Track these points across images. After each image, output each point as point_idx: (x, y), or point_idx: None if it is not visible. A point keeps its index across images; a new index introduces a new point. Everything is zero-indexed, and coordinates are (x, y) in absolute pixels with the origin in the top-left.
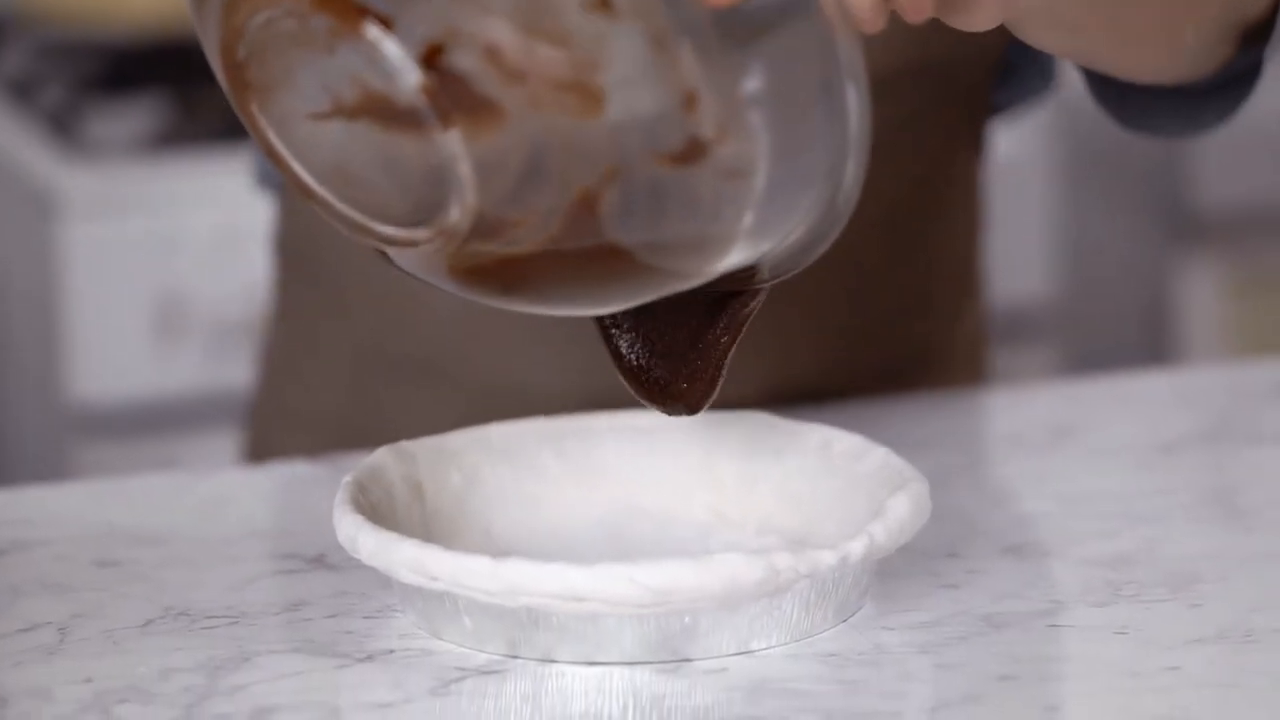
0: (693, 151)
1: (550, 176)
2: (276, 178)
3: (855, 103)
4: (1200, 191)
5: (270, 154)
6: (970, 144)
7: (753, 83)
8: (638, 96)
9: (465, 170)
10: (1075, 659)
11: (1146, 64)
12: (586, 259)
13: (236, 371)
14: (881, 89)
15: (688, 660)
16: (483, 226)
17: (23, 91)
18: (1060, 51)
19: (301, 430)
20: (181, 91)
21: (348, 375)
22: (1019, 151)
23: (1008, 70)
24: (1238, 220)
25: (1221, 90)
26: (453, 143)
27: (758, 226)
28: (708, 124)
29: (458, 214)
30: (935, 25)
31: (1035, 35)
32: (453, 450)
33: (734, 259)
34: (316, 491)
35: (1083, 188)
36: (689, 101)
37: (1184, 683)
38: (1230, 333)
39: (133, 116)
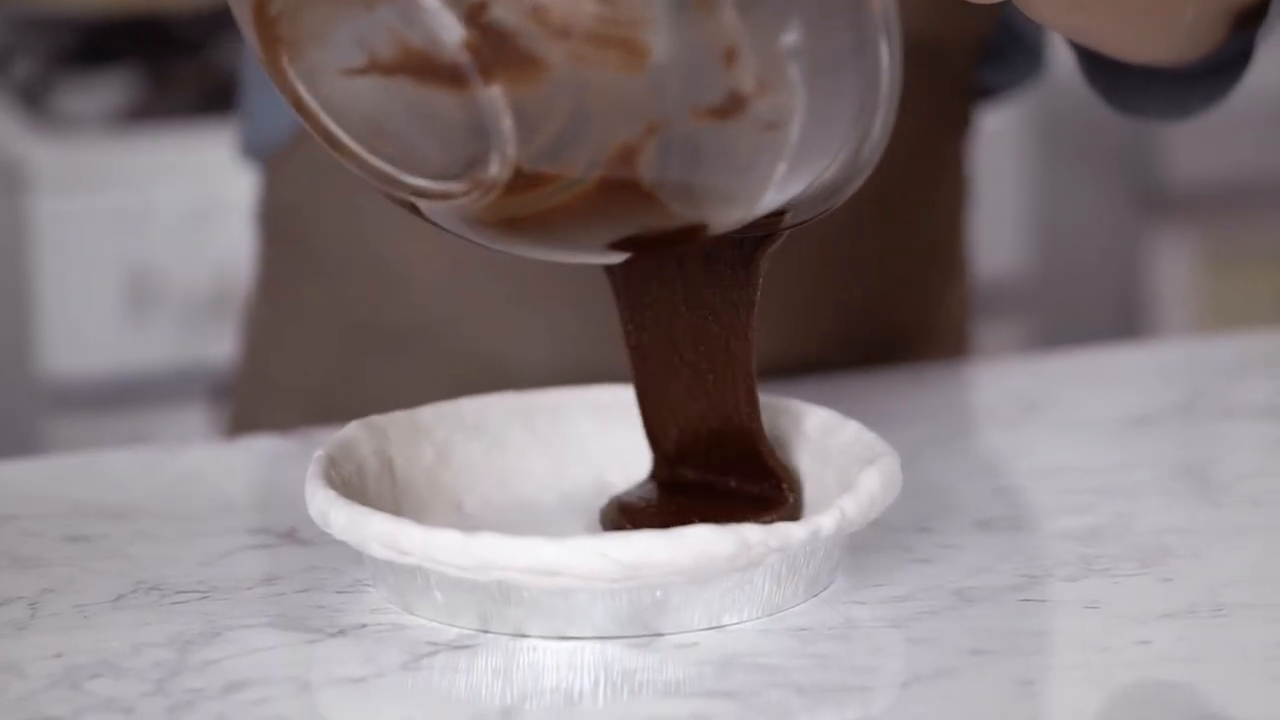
0: (732, 106)
1: (590, 131)
2: (263, 148)
3: (887, 52)
4: (1173, 167)
5: (299, 108)
6: (957, 126)
7: (791, 36)
8: (680, 52)
9: (507, 125)
10: (1047, 633)
11: (1144, 43)
12: (622, 210)
13: (208, 346)
14: None
15: (659, 634)
16: (521, 180)
17: None
18: (1061, 25)
19: (285, 403)
20: (153, 66)
21: (331, 348)
22: (993, 127)
23: (996, 53)
24: (1210, 195)
25: (1211, 74)
26: (495, 98)
27: (789, 174)
28: (747, 78)
29: (497, 167)
30: (925, 3)
31: (1038, 8)
32: (424, 424)
33: (765, 206)
34: (288, 466)
35: (1056, 163)
36: (729, 56)
37: (1155, 656)
38: (1203, 307)
39: (104, 91)
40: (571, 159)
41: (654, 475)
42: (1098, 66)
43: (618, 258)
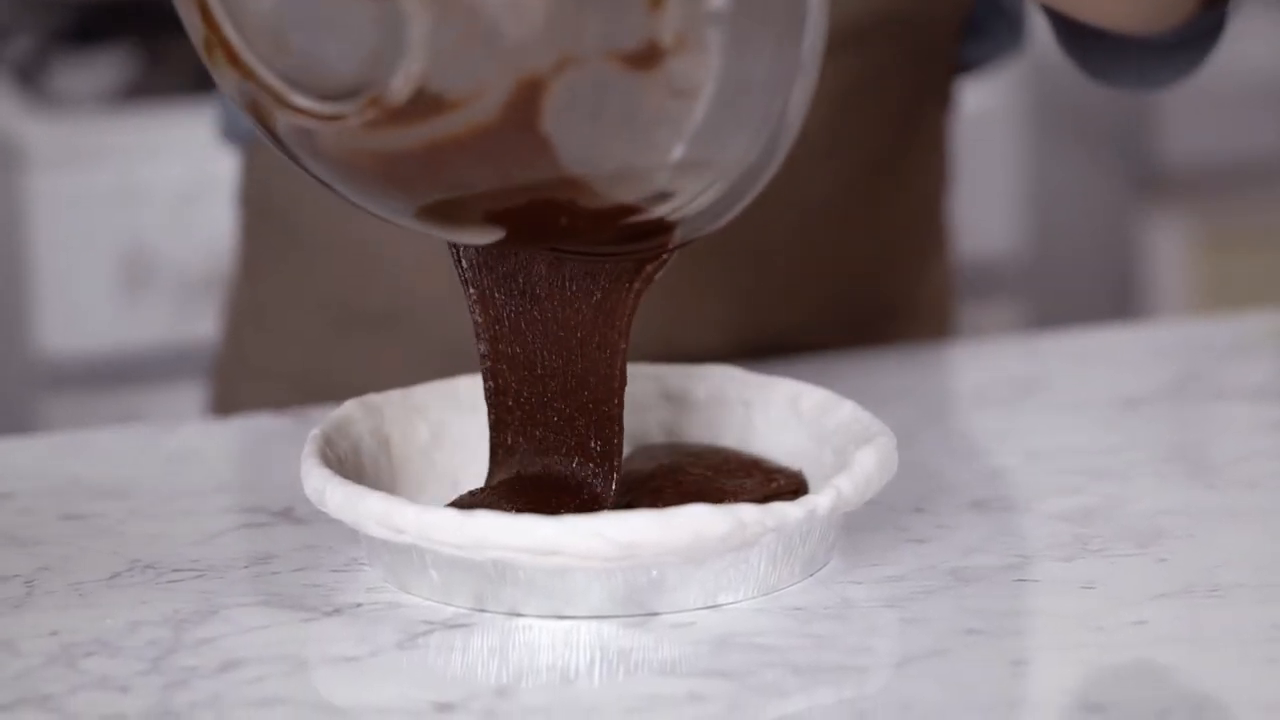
0: (648, 55)
1: (502, 54)
2: (242, 132)
3: (809, 53)
4: (1167, 146)
5: (204, 15)
6: (938, 99)
7: (718, 1)
8: None
9: (419, 32)
10: (1041, 613)
11: (1113, 8)
12: (512, 157)
13: (202, 325)
14: (848, 41)
15: (654, 614)
16: (420, 102)
17: None
18: None
19: (267, 385)
20: (148, 45)
21: (313, 330)
22: (986, 106)
23: (976, 27)
24: (1204, 175)
25: (1185, 45)
26: (412, 5)
27: (683, 164)
28: (668, 30)
29: (400, 82)
30: None
31: None
32: (420, 403)
33: (651, 197)
34: (284, 445)
35: (1050, 142)
36: (656, 1)
37: (1149, 637)
38: (1197, 288)
39: (100, 69)
40: (477, 84)
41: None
42: (1071, 35)
43: (486, 237)
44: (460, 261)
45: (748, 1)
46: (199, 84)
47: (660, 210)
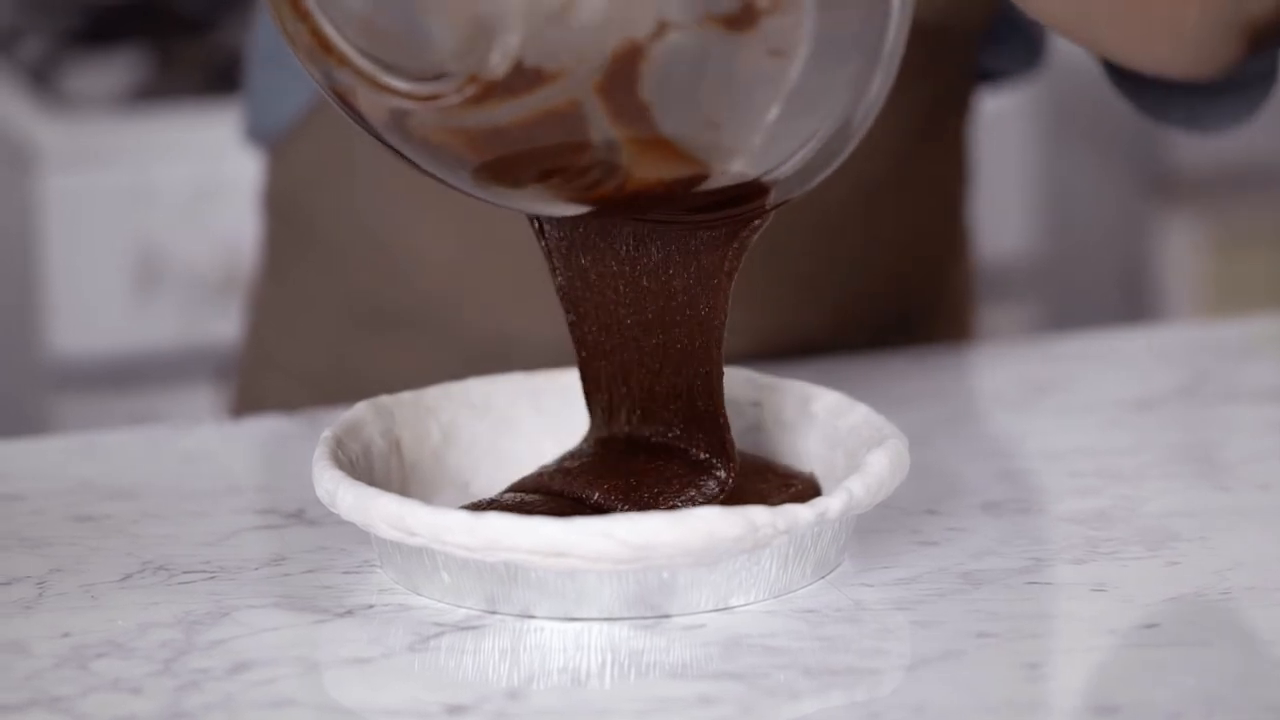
0: (745, 16)
1: (599, 23)
2: (266, 132)
3: (897, 15)
4: (1180, 150)
5: (294, 6)
6: (957, 106)
7: None
8: None
9: (517, 6)
10: (1054, 616)
11: (1148, 51)
12: (610, 127)
13: (214, 325)
14: None
15: (666, 616)
16: (519, 76)
17: (2, 45)
18: (1062, 25)
19: (290, 386)
20: (160, 46)
21: (336, 331)
22: (998, 108)
23: (996, 40)
24: (1216, 177)
25: (1235, 90)
26: None
27: (779, 124)
28: None
29: (498, 57)
30: None
31: (1043, 9)
32: (431, 405)
33: (748, 160)
34: (295, 446)
35: (1062, 145)
36: None
37: (1162, 640)
38: (1209, 290)
39: (112, 70)
40: (575, 54)
41: (592, 435)
42: (1121, 74)
43: (579, 207)
44: (543, 234)
45: None
46: (211, 85)
47: (755, 172)
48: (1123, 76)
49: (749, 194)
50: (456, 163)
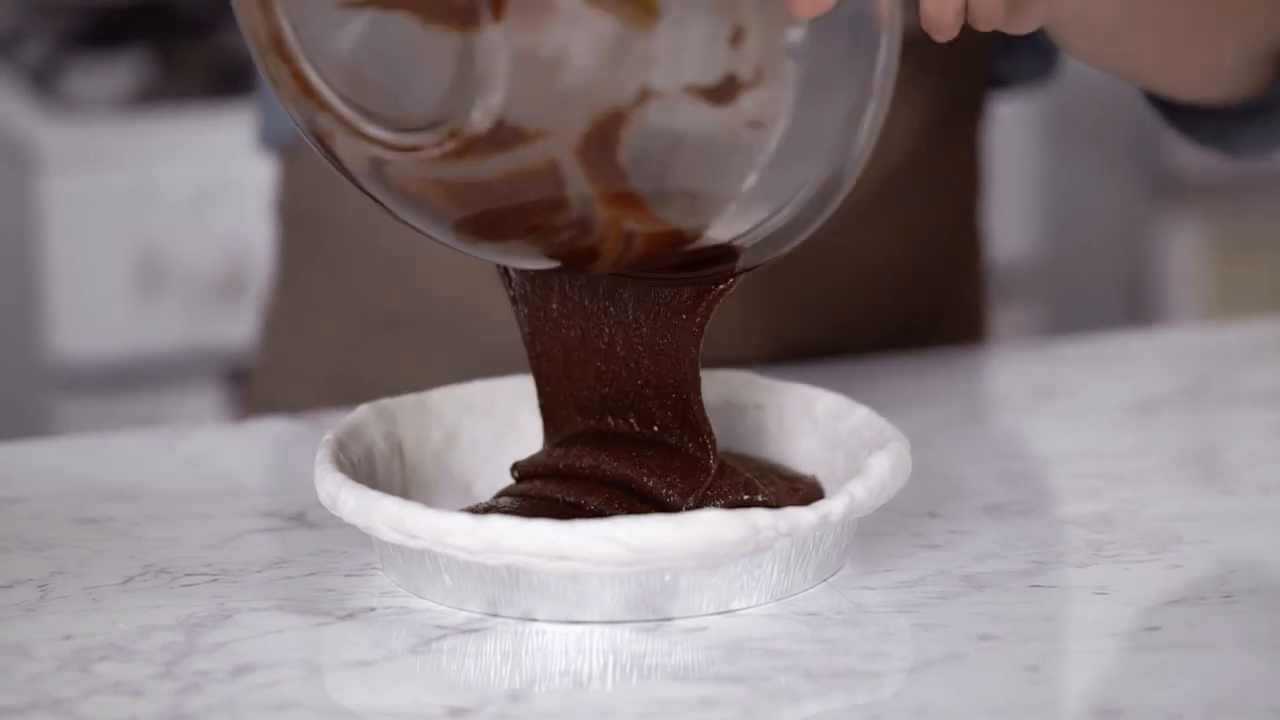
0: (726, 90)
1: (583, 87)
2: (279, 137)
3: (878, 91)
4: (1182, 152)
5: (276, 48)
6: (969, 110)
7: (796, 34)
8: (691, 18)
9: (502, 65)
10: (1056, 619)
11: (1183, 80)
12: (585, 188)
13: (217, 328)
14: None
15: (668, 619)
16: (500, 133)
17: (5, 47)
18: (1100, 61)
19: (301, 387)
20: (162, 49)
21: (349, 335)
22: (1004, 114)
23: (1011, 48)
24: (1219, 182)
25: (1263, 115)
26: (497, 39)
27: (755, 192)
28: (747, 64)
29: (479, 114)
30: None
31: (1074, 42)
32: (433, 408)
33: (723, 224)
34: (298, 449)
35: (1067, 150)
36: (737, 36)
37: (1163, 643)
38: (1211, 293)
39: (114, 73)
40: (557, 116)
41: (555, 436)
42: (1154, 97)
43: (549, 262)
44: (510, 283)
45: (824, 34)
46: (213, 87)
47: (727, 236)
48: (1156, 100)
49: (720, 256)
50: (435, 215)
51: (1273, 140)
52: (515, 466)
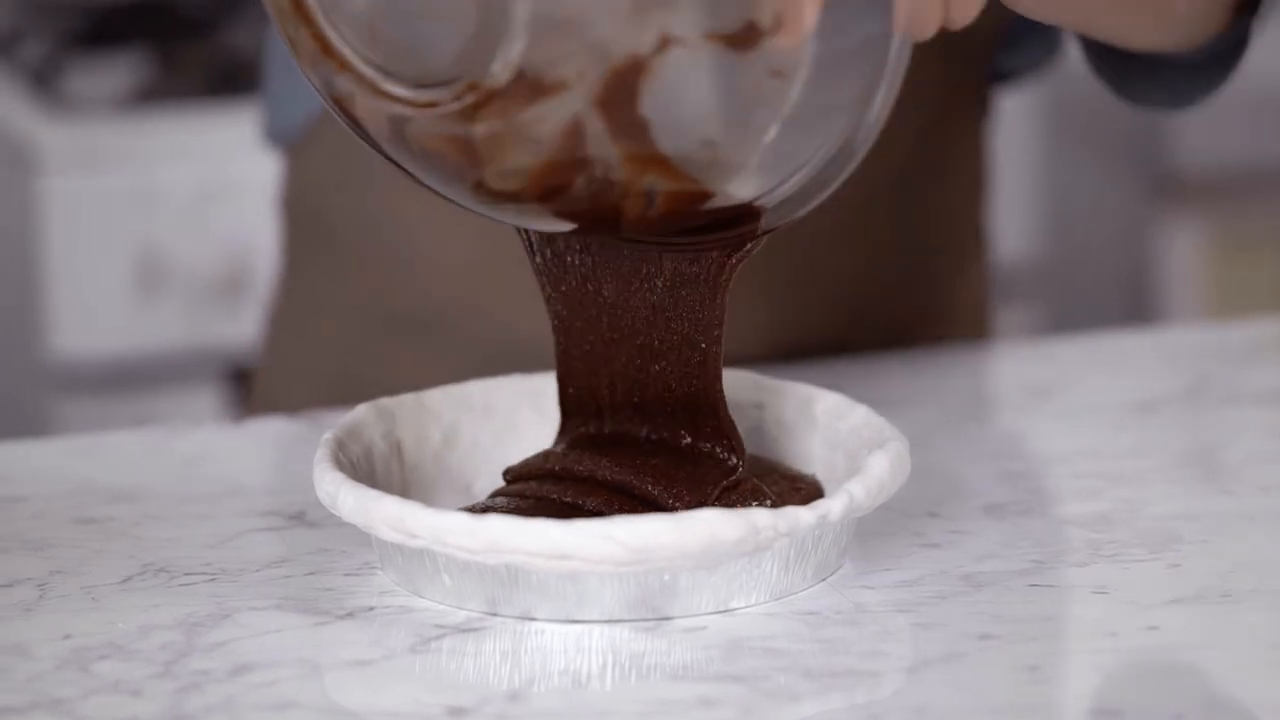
0: (747, 37)
1: (602, 35)
2: (285, 134)
3: (900, 36)
4: (1182, 152)
5: (297, 9)
6: (972, 107)
7: None
8: None
9: (520, 15)
10: (1055, 618)
11: (1138, 31)
12: (608, 140)
13: (216, 327)
14: None
15: (667, 618)
16: (520, 84)
17: (4, 47)
18: (1053, 16)
19: (305, 387)
20: (162, 48)
21: (354, 335)
22: (1003, 112)
23: (1013, 39)
24: (1219, 181)
25: (1210, 62)
26: None
27: (778, 145)
28: (767, 11)
29: (499, 66)
30: None
31: (1027, 3)
32: (432, 407)
33: (743, 183)
34: (297, 448)
35: (1066, 149)
36: None
37: (1163, 642)
38: (1210, 292)
39: (114, 72)
40: (577, 66)
41: (570, 432)
42: (1103, 58)
43: (568, 224)
44: (535, 255)
45: None
46: (213, 87)
47: (749, 194)
48: (1104, 62)
49: (742, 217)
50: (455, 174)
51: (1215, 89)
52: (507, 472)
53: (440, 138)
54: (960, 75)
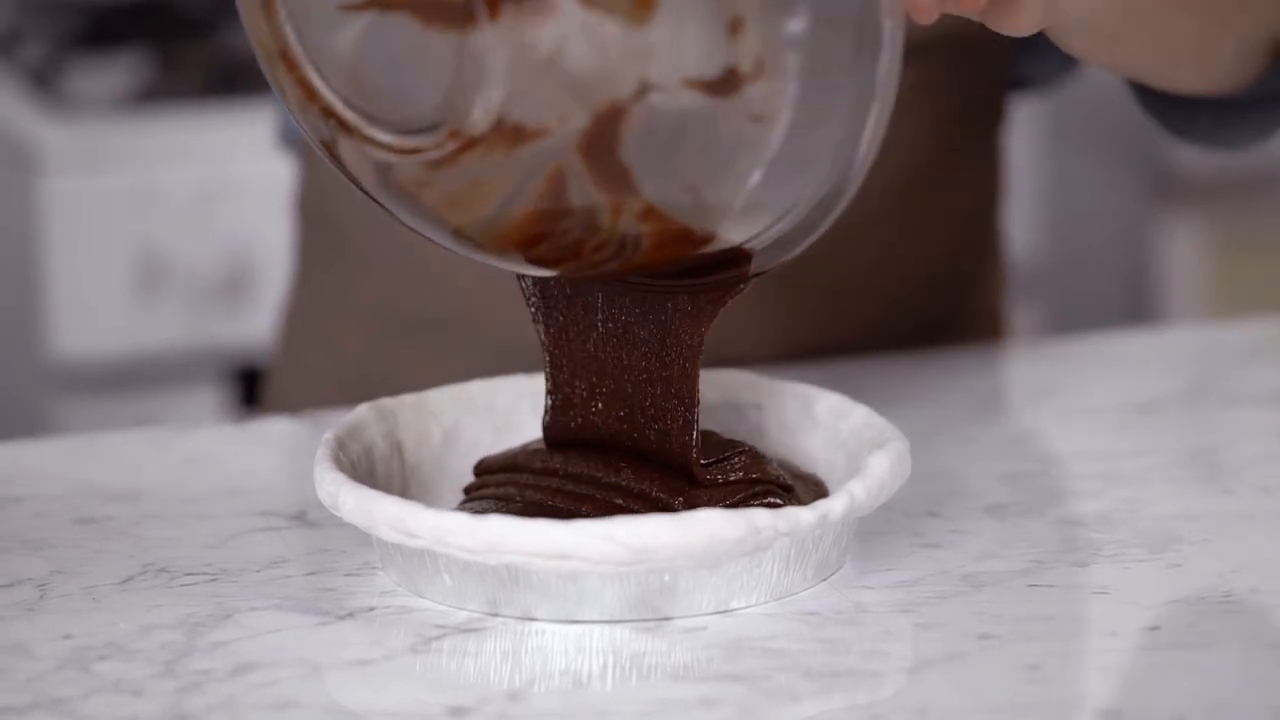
0: (727, 83)
1: (582, 82)
2: (296, 137)
3: (883, 83)
4: (1182, 153)
5: (283, 57)
6: (989, 113)
7: (796, 25)
8: (688, 9)
9: (500, 63)
10: (1055, 618)
11: (1182, 75)
12: (589, 187)
13: (217, 328)
14: (909, 53)
15: (667, 618)
16: (501, 131)
17: (4, 47)
18: (1099, 60)
19: (318, 388)
20: (162, 49)
21: (367, 335)
22: None
23: (1031, 48)
24: (1219, 181)
25: (1258, 106)
26: (494, 37)
27: (761, 191)
28: (747, 56)
29: (479, 113)
30: None
31: (1074, 43)
32: (433, 407)
33: (730, 227)
34: (297, 448)
35: (1067, 150)
36: (735, 27)
37: (1163, 643)
38: (1211, 292)
39: (114, 73)
40: (557, 112)
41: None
42: (1147, 93)
43: (555, 268)
44: (528, 298)
45: (825, 26)
46: (213, 87)
47: (737, 238)
48: (1148, 97)
49: (732, 260)
50: (436, 220)
51: (1270, 130)
52: (480, 463)
53: (423, 183)
54: (976, 83)
